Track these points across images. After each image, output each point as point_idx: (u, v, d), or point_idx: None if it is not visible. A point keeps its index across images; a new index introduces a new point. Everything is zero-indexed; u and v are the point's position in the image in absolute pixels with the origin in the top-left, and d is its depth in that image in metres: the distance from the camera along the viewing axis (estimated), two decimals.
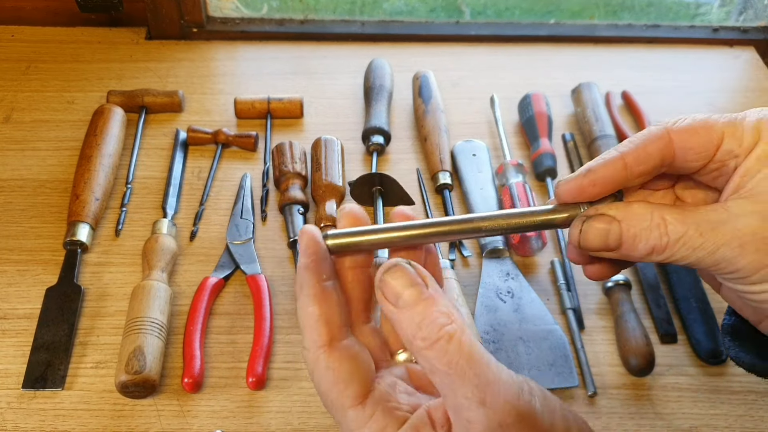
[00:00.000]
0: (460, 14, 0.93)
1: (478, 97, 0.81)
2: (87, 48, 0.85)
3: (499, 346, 0.57)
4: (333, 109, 0.79)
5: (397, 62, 0.83)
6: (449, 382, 0.27)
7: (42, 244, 0.64)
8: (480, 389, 0.26)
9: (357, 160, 0.74)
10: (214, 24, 0.89)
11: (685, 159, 0.32)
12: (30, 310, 0.59)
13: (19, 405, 0.53)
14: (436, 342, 0.27)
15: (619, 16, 0.93)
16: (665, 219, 0.31)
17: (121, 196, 0.68)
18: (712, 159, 0.32)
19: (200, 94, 0.80)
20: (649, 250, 0.31)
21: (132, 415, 0.53)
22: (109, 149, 0.69)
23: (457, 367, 0.27)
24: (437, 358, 0.27)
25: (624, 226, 0.31)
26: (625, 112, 0.80)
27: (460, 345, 0.27)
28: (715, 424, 0.54)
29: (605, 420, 0.54)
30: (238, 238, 0.64)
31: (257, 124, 0.77)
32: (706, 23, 0.93)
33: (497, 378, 0.27)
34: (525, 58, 0.88)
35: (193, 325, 0.56)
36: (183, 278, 0.62)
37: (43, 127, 0.75)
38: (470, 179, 0.69)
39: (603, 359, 0.57)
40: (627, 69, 0.86)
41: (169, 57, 0.85)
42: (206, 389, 0.55)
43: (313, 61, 0.86)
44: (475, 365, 0.27)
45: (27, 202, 0.67)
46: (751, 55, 0.90)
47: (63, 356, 0.55)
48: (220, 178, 0.71)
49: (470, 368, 0.27)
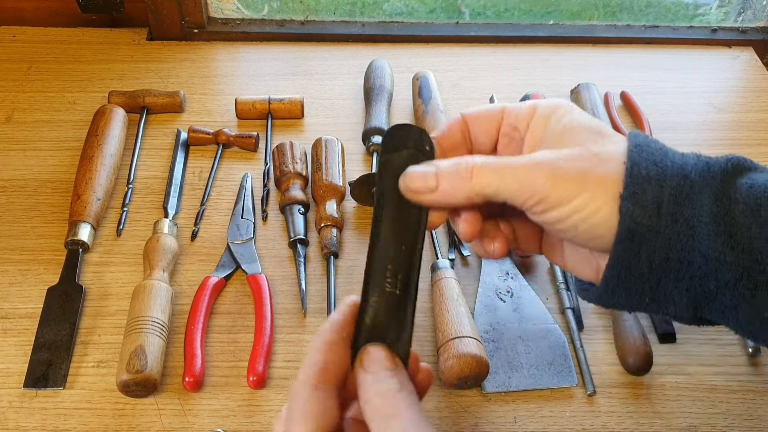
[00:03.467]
0: (460, 15, 0.93)
1: (477, 97, 0.81)
2: (88, 49, 0.86)
3: (498, 345, 0.57)
4: (333, 110, 0.80)
5: (397, 63, 0.84)
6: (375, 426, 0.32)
7: (43, 243, 0.64)
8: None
9: (357, 160, 0.74)
10: (215, 25, 0.89)
11: (478, 134, 0.39)
12: (31, 310, 0.59)
13: (20, 404, 0.53)
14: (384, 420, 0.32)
15: (617, 16, 0.93)
16: (474, 156, 0.36)
17: (122, 196, 0.68)
18: (500, 134, 0.39)
19: (201, 95, 0.80)
20: (459, 179, 0.35)
21: (133, 414, 0.53)
22: (111, 149, 0.69)
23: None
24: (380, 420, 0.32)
25: (438, 165, 0.36)
26: (623, 112, 0.81)
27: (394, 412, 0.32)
28: (714, 423, 0.54)
29: (604, 419, 0.54)
30: (239, 238, 0.65)
31: (258, 124, 0.77)
32: (704, 24, 0.93)
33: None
34: (524, 59, 0.88)
35: (194, 324, 0.57)
36: (184, 278, 0.62)
37: (44, 127, 0.76)
38: None
39: (602, 358, 0.58)
40: (626, 69, 0.87)
41: (170, 58, 0.85)
42: (207, 388, 0.55)
43: (314, 61, 0.86)
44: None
45: (28, 202, 0.68)
46: (750, 56, 0.90)
47: (64, 355, 0.56)
48: (221, 178, 0.71)
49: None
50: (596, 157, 0.35)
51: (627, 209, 0.33)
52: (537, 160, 0.35)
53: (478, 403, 0.55)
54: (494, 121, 0.39)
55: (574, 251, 0.40)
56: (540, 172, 0.34)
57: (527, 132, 0.38)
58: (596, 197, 0.34)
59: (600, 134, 0.36)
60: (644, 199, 0.33)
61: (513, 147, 0.39)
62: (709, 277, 0.34)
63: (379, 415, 0.32)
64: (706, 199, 0.34)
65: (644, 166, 0.34)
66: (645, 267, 0.34)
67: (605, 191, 0.34)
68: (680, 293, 0.35)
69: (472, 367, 0.51)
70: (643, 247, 0.34)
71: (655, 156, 0.35)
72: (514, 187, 0.35)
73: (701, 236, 0.33)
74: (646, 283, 0.35)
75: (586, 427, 0.53)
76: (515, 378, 0.55)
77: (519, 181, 0.35)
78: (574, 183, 0.34)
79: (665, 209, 0.33)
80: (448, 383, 0.53)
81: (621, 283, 0.35)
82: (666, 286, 0.35)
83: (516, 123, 0.38)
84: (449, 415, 0.54)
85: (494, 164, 0.35)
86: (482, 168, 0.35)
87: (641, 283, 0.35)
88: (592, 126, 0.36)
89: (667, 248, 0.34)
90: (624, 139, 0.36)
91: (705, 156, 0.36)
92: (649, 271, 0.34)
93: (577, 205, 0.34)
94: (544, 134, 0.37)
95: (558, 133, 0.36)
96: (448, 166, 0.36)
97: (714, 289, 0.34)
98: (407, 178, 0.36)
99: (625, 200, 0.33)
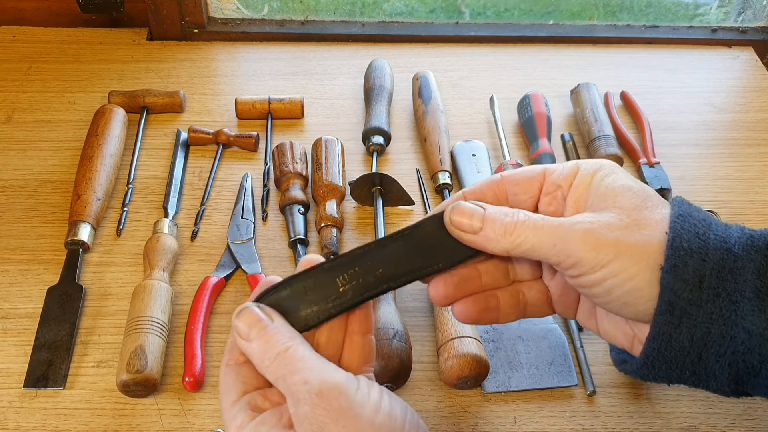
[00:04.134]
0: (460, 15, 0.93)
1: (477, 97, 0.81)
2: (88, 49, 0.86)
3: (498, 345, 0.57)
4: (333, 110, 0.80)
5: (397, 63, 0.84)
6: (286, 380, 0.34)
7: (43, 243, 0.64)
8: (304, 374, 0.33)
9: (357, 160, 0.74)
10: (215, 25, 0.89)
11: (514, 194, 0.39)
12: (31, 310, 0.59)
13: (20, 404, 0.53)
14: (276, 357, 0.34)
15: (618, 16, 0.93)
16: (520, 210, 0.37)
17: (122, 196, 0.68)
18: (542, 193, 0.39)
19: (201, 95, 0.80)
20: (502, 231, 0.36)
21: (133, 414, 0.53)
22: (111, 149, 0.69)
23: (290, 366, 0.33)
24: (276, 371, 0.34)
25: (487, 210, 0.37)
26: (623, 112, 0.81)
27: (294, 352, 0.34)
28: (714, 423, 0.54)
29: (604, 419, 0.54)
30: (239, 238, 0.65)
31: (258, 124, 0.77)
32: (704, 24, 0.93)
33: (321, 367, 0.34)
34: (524, 59, 0.88)
35: (194, 324, 0.57)
36: (184, 278, 0.62)
37: (44, 127, 0.76)
38: (470, 179, 0.70)
39: (602, 358, 0.58)
40: (626, 69, 0.87)
41: (170, 57, 0.85)
42: (207, 388, 0.55)
43: (314, 61, 0.86)
44: (302, 362, 0.33)
45: (29, 202, 0.68)
46: (750, 56, 0.90)
47: (64, 355, 0.56)
48: (221, 178, 0.71)
49: (299, 364, 0.33)
50: (636, 223, 0.35)
51: (668, 282, 0.33)
52: (575, 221, 0.35)
53: (478, 403, 0.55)
54: (536, 181, 0.39)
55: (608, 318, 0.40)
56: (576, 234, 0.34)
57: (569, 191, 0.38)
58: (633, 264, 0.34)
59: (642, 198, 0.36)
60: (686, 272, 0.33)
61: (555, 206, 0.39)
62: (753, 353, 0.33)
63: (274, 378, 0.34)
64: (749, 274, 0.33)
65: (686, 238, 0.34)
66: (686, 341, 0.34)
67: (643, 259, 0.34)
68: (722, 368, 0.34)
69: (472, 367, 0.51)
70: (683, 321, 0.33)
71: (698, 227, 0.34)
72: (550, 246, 0.35)
73: (744, 311, 0.33)
74: (686, 357, 0.34)
75: (586, 427, 0.53)
76: (515, 378, 0.55)
77: (555, 242, 0.35)
78: (612, 248, 0.34)
79: (707, 283, 0.33)
80: (448, 383, 0.53)
81: (661, 357, 0.35)
82: (707, 360, 0.34)
83: (559, 182, 0.38)
84: (449, 415, 0.54)
85: (535, 221, 0.36)
86: (524, 224, 0.36)
87: (682, 357, 0.34)
88: (634, 189, 0.36)
89: (709, 322, 0.33)
90: (666, 204, 0.36)
91: (749, 228, 0.36)
92: (690, 345, 0.34)
93: (613, 270, 0.34)
94: (587, 194, 0.37)
95: (600, 194, 0.36)
96: (495, 213, 0.36)
97: (758, 364, 0.33)
98: (456, 210, 0.37)
99: (666, 273, 0.33)
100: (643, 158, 0.73)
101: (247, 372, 0.36)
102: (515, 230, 0.35)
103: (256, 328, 0.35)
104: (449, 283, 0.39)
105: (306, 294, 0.37)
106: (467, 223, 0.37)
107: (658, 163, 0.73)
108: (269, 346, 0.34)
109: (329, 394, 0.32)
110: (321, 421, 0.32)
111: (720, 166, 0.75)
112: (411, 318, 0.59)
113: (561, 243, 0.35)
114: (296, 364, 0.33)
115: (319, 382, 0.32)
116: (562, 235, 0.35)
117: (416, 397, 0.55)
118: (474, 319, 0.40)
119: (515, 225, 0.36)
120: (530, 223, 0.36)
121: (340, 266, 0.37)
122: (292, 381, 0.33)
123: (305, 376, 0.33)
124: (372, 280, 0.37)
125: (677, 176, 0.73)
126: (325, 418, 0.32)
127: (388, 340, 0.52)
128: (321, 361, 0.34)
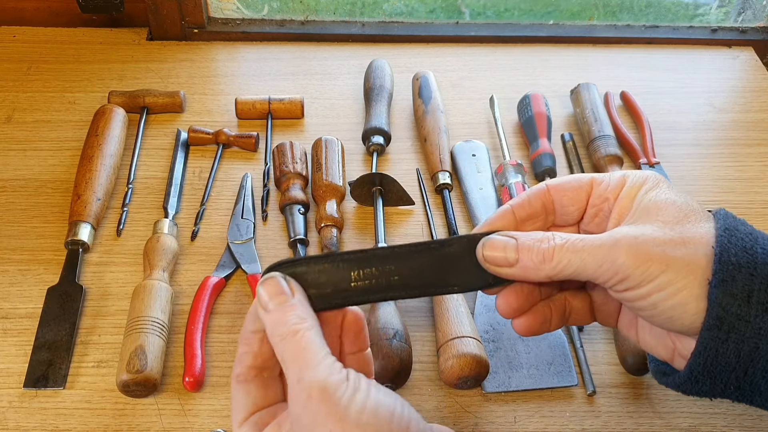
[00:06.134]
0: (460, 15, 0.93)
1: (477, 97, 0.81)
2: (88, 49, 0.86)
3: (498, 345, 0.57)
4: (333, 110, 0.80)
5: (397, 63, 0.84)
6: (286, 367, 0.34)
7: (43, 243, 0.64)
8: (300, 370, 0.33)
9: (357, 160, 0.74)
10: (215, 25, 0.89)
11: (562, 205, 0.39)
12: (31, 310, 0.59)
13: (20, 404, 0.53)
14: (285, 337, 0.34)
15: (618, 16, 0.93)
16: (554, 233, 0.36)
17: (122, 196, 0.68)
18: (588, 205, 0.39)
19: (201, 95, 0.80)
20: (540, 258, 0.35)
21: (133, 414, 0.53)
22: (111, 149, 0.69)
23: (292, 353, 0.33)
24: (280, 352, 0.34)
25: (519, 240, 0.36)
26: (623, 112, 0.81)
27: (300, 338, 0.34)
28: (714, 423, 0.54)
29: (604, 419, 0.54)
30: (239, 238, 0.65)
31: (258, 124, 0.77)
32: (704, 24, 0.93)
33: (316, 363, 0.33)
34: (524, 59, 0.88)
35: (194, 324, 0.57)
36: (184, 278, 0.62)
37: (44, 127, 0.76)
38: (470, 179, 0.70)
39: (602, 358, 0.58)
40: (626, 69, 0.87)
41: (170, 57, 0.85)
42: (207, 388, 0.55)
43: (314, 61, 0.86)
44: (303, 353, 0.33)
45: (29, 202, 0.68)
46: (750, 56, 0.90)
47: (64, 355, 0.56)
48: (221, 178, 0.71)
49: (300, 354, 0.33)
50: (681, 237, 0.34)
51: (716, 296, 0.33)
52: (616, 238, 0.35)
53: (478, 403, 0.55)
54: (584, 192, 0.39)
55: (649, 330, 0.40)
56: (620, 251, 0.34)
57: (615, 203, 0.38)
58: (681, 278, 0.34)
59: (685, 212, 0.36)
60: (734, 287, 0.33)
61: (600, 219, 0.39)
62: None
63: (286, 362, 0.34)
64: None
65: (734, 252, 0.34)
66: (732, 356, 0.34)
67: (690, 273, 0.34)
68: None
69: (472, 367, 0.51)
70: (731, 336, 0.33)
71: (745, 241, 0.34)
72: (596, 267, 0.35)
73: None
74: (732, 373, 0.34)
75: (586, 427, 0.53)
76: (515, 378, 0.55)
77: (601, 262, 0.34)
78: (659, 262, 0.34)
79: (756, 298, 0.33)
80: (448, 383, 0.53)
81: (706, 371, 0.35)
82: (753, 376, 0.34)
83: (606, 194, 0.38)
84: (449, 415, 0.54)
85: (574, 244, 0.35)
86: (562, 248, 0.35)
87: (727, 373, 0.34)
88: (677, 203, 0.36)
89: (757, 338, 0.33)
90: (710, 217, 0.36)
91: None
92: (736, 360, 0.34)
93: (660, 284, 0.34)
94: (631, 206, 0.37)
95: (643, 207, 0.36)
96: (529, 241, 0.36)
97: None
98: (487, 246, 0.36)
99: (714, 287, 0.33)
100: (643, 158, 0.73)
101: (257, 391, 0.36)
102: (554, 255, 0.35)
103: (275, 300, 0.35)
104: (521, 296, 0.38)
105: (319, 277, 0.36)
106: (501, 256, 0.36)
107: (658, 163, 0.73)
108: (281, 323, 0.34)
109: (319, 397, 0.32)
110: (310, 423, 0.32)
111: (720, 166, 0.75)
112: (411, 318, 0.59)
113: (607, 263, 0.34)
114: (298, 353, 0.33)
115: (309, 382, 0.32)
116: (607, 254, 0.34)
117: (416, 397, 0.55)
118: (534, 332, 0.39)
119: (553, 250, 0.35)
120: (569, 246, 0.35)
121: (359, 262, 0.37)
122: (290, 371, 0.33)
123: (300, 372, 0.33)
124: (385, 285, 0.37)
125: (677, 176, 0.73)
126: (312, 421, 0.32)
127: (388, 340, 0.52)
128: (320, 354, 0.34)
